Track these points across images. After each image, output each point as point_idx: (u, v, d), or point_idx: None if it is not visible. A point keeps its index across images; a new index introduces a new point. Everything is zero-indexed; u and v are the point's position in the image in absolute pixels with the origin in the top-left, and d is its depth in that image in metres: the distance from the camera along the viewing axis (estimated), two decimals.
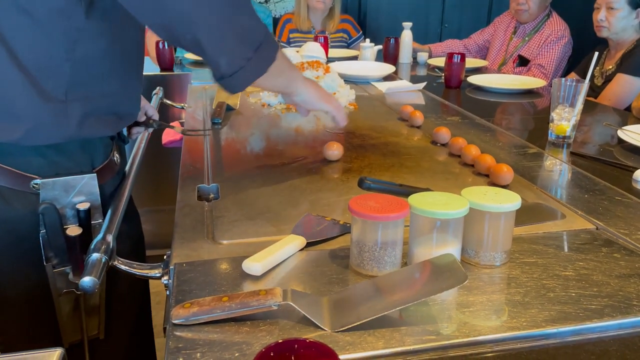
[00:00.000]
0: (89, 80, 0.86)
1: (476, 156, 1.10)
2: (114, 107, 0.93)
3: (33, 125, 0.83)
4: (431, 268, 0.66)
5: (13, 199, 0.87)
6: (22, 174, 0.86)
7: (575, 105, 1.28)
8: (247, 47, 0.81)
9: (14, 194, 0.87)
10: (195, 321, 0.60)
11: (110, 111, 0.92)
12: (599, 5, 2.13)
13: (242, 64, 0.81)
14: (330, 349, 0.49)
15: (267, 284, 0.69)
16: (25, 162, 0.86)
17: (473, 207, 0.71)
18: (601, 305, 0.64)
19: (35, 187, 0.87)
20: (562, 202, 0.96)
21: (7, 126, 0.82)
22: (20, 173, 0.86)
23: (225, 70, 0.81)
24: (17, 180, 0.86)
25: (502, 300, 0.66)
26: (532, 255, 0.77)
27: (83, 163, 0.92)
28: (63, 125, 0.85)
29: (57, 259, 0.89)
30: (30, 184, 0.87)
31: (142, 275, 0.79)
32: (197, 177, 1.05)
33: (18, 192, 0.87)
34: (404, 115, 1.48)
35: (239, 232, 0.83)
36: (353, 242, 0.71)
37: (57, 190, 0.87)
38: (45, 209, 0.85)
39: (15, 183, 0.86)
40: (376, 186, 0.87)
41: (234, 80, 0.83)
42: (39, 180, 0.87)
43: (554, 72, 2.54)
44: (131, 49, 0.94)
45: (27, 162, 0.86)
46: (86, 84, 0.86)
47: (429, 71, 2.44)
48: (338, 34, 3.05)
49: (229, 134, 1.40)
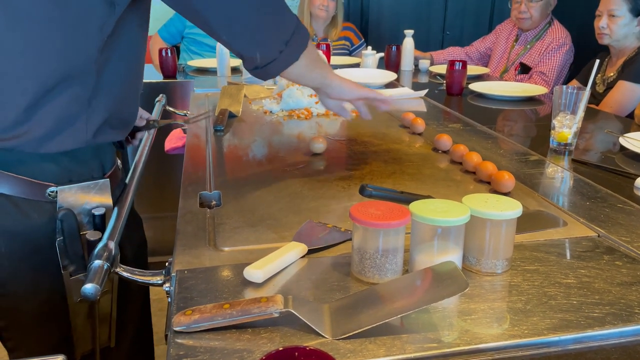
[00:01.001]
0: (107, 85, 0.87)
1: (477, 163, 1.10)
2: (122, 112, 0.93)
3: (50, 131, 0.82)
4: (432, 275, 0.66)
5: (29, 209, 0.86)
6: (37, 183, 0.85)
7: (577, 112, 1.28)
8: (279, 40, 0.88)
9: (29, 204, 0.86)
10: (197, 328, 0.60)
11: (119, 116, 0.93)
12: (601, 12, 2.14)
13: (275, 55, 0.88)
14: (331, 356, 0.49)
15: (268, 291, 0.69)
16: (40, 171, 0.86)
17: (474, 215, 0.71)
18: (603, 313, 0.64)
19: (51, 195, 0.86)
20: (564, 210, 0.96)
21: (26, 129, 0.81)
22: (35, 182, 0.85)
23: (259, 62, 0.89)
24: (33, 190, 0.85)
25: (504, 308, 0.66)
26: (534, 262, 0.77)
27: (95, 169, 0.92)
28: (81, 131, 0.85)
29: (73, 266, 0.89)
30: (46, 192, 0.86)
31: (144, 282, 0.79)
32: (199, 184, 1.06)
33: (34, 202, 0.86)
34: (406, 122, 1.48)
35: (241, 239, 0.84)
36: (354, 249, 0.71)
37: (73, 196, 0.88)
38: (64, 215, 0.85)
39: (31, 192, 0.85)
40: (377, 193, 0.87)
41: (268, 70, 0.90)
42: (55, 187, 0.86)
43: (556, 79, 2.54)
44: (140, 54, 0.95)
45: (42, 170, 0.86)
46: (105, 89, 0.86)
47: (430, 78, 2.45)
48: (340, 41, 3.06)
49: (231, 140, 1.40)
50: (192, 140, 1.39)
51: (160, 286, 0.77)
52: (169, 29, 2.89)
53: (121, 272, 0.80)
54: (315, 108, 1.62)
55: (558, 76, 2.55)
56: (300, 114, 1.60)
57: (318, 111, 1.62)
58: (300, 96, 1.62)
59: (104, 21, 0.81)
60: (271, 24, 0.87)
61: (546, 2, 2.59)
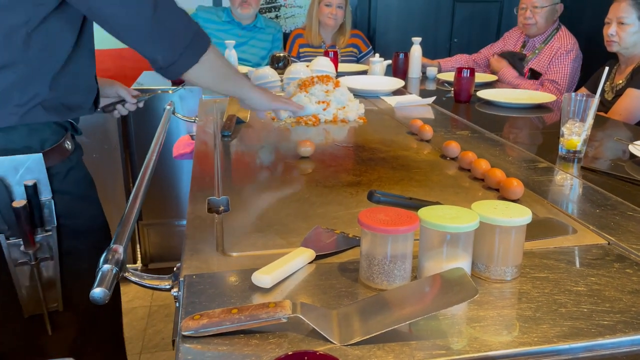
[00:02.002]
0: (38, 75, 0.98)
1: (486, 170, 1.10)
2: (59, 98, 1.03)
3: None
4: (441, 282, 0.66)
5: None
6: None
7: (586, 120, 1.28)
8: (178, 45, 1.02)
9: None
10: (205, 333, 0.60)
11: (57, 102, 1.03)
12: (610, 20, 2.13)
13: (175, 58, 1.03)
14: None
15: (276, 297, 0.69)
16: None
17: (483, 221, 0.71)
18: (614, 321, 0.64)
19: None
20: (574, 217, 0.95)
21: None
22: None
23: (162, 64, 1.03)
24: None
25: (513, 315, 0.65)
26: (544, 270, 0.76)
27: (33, 145, 1.02)
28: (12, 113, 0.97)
29: (9, 231, 1.01)
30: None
31: (152, 287, 0.79)
32: (207, 189, 1.06)
33: None
34: (414, 129, 1.48)
35: (249, 245, 0.84)
36: (362, 255, 0.71)
37: (5, 168, 0.98)
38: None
39: None
40: (386, 199, 0.87)
41: (170, 71, 1.05)
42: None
43: (568, 87, 2.54)
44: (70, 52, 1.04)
45: None
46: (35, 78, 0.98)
47: (438, 86, 2.45)
48: (348, 48, 3.07)
49: (239, 146, 1.41)
50: (200, 146, 1.39)
51: (168, 291, 0.77)
52: None
53: (129, 276, 0.80)
54: (322, 115, 1.63)
55: (570, 84, 2.54)
56: (308, 120, 1.61)
57: (326, 118, 1.63)
58: (308, 103, 1.63)
59: (29, 17, 0.94)
60: (170, 31, 1.02)
61: (552, 9, 2.59)
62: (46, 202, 1.04)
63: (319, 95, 1.65)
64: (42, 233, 1.05)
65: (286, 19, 3.45)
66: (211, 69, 1.11)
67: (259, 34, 2.94)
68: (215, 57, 1.11)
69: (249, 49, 2.91)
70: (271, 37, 2.99)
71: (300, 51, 3.04)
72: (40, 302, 1.08)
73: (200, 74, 1.08)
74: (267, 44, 2.97)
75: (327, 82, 1.68)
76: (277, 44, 3.02)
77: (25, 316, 1.08)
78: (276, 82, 2.09)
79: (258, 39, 2.94)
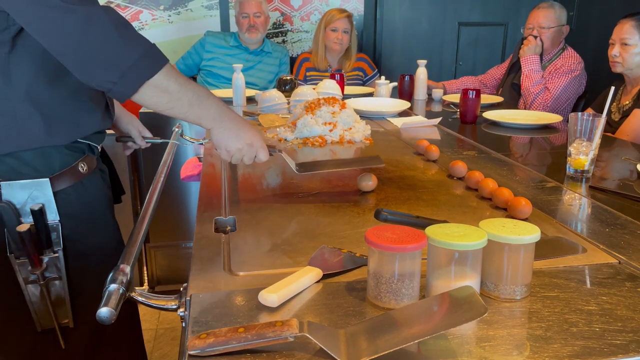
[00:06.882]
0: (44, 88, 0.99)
1: (494, 190, 1.10)
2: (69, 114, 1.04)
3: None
4: (450, 300, 0.65)
5: None
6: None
7: (593, 139, 1.27)
8: (112, 72, 0.93)
9: None
10: (211, 352, 0.59)
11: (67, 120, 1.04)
12: (614, 41, 2.14)
13: (109, 86, 0.94)
14: None
15: (283, 316, 0.68)
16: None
17: (492, 239, 0.70)
18: (626, 341, 0.62)
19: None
20: (583, 236, 0.94)
21: None
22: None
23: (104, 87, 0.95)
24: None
25: (524, 335, 0.64)
26: (554, 289, 0.75)
27: (41, 169, 1.03)
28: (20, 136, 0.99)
29: (18, 251, 1.03)
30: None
31: (158, 307, 0.79)
32: (215, 209, 1.06)
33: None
34: (420, 149, 1.48)
35: (256, 264, 0.83)
36: (370, 274, 0.71)
37: (13, 191, 1.01)
38: (2, 207, 1.00)
39: None
40: (393, 217, 0.86)
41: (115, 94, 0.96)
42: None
43: (557, 97, 2.53)
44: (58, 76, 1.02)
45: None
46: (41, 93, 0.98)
47: (444, 107, 2.46)
48: (354, 72, 3.10)
49: (246, 168, 1.41)
50: (208, 168, 1.40)
51: (175, 311, 0.77)
52: (186, 62, 2.96)
53: (136, 296, 0.80)
54: (329, 136, 1.64)
55: (560, 95, 2.54)
56: (315, 141, 1.61)
57: (332, 139, 1.63)
58: (314, 124, 1.64)
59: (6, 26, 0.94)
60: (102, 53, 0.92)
61: (558, 30, 2.61)
62: (53, 225, 1.05)
63: (325, 116, 1.66)
64: (49, 254, 1.06)
65: (293, 44, 3.50)
66: (164, 92, 0.97)
67: (266, 58, 2.98)
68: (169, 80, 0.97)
69: (257, 73, 2.95)
70: (278, 61, 3.02)
71: (307, 75, 3.08)
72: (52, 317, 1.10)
73: (149, 98, 0.97)
74: (274, 67, 3.01)
75: (333, 104, 1.69)
76: (284, 68, 3.06)
77: (38, 330, 1.09)
78: (283, 104, 2.11)
79: (265, 63, 2.98)
